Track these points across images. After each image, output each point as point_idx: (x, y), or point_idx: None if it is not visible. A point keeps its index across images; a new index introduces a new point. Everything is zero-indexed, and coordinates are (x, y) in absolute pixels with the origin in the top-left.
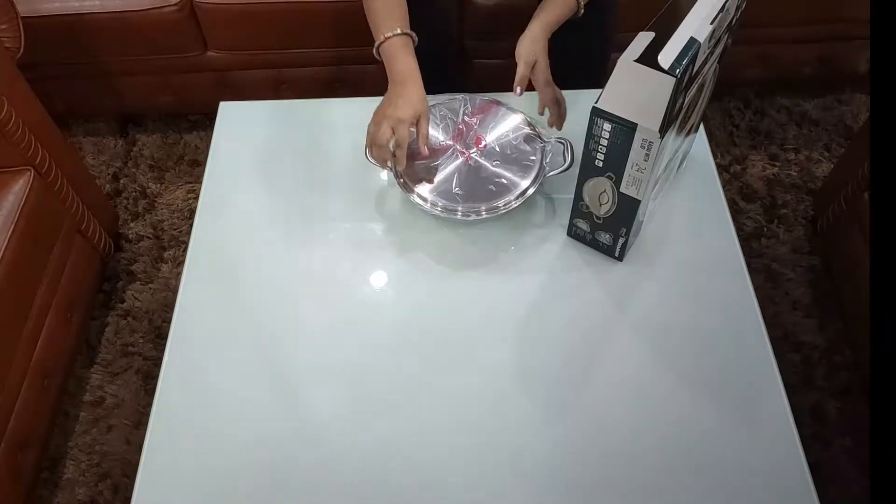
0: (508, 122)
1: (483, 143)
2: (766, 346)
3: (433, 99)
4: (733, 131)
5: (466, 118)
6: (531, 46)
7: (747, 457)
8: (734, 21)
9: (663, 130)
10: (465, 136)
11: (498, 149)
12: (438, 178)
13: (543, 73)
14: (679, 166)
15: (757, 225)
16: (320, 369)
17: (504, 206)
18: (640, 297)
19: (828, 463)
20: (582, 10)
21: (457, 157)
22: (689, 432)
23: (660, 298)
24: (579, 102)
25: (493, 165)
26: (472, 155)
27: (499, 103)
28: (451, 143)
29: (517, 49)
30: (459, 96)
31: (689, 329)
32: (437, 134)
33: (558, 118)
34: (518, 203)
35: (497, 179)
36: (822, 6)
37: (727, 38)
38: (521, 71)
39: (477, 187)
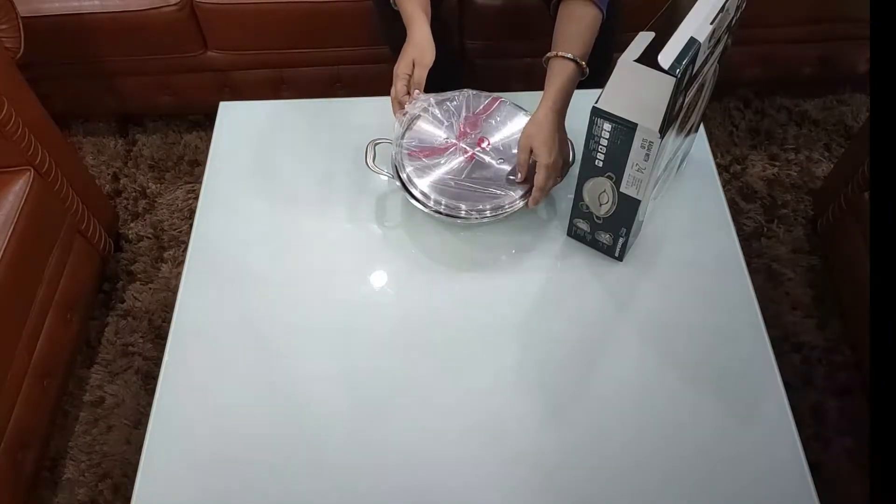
0: (511, 119)
1: (486, 142)
2: (766, 346)
3: (435, 97)
4: (733, 131)
5: (469, 116)
6: (530, 130)
7: (747, 457)
8: (734, 21)
9: (663, 130)
10: (468, 135)
11: (502, 147)
12: (441, 176)
13: (540, 157)
14: (679, 166)
15: (757, 225)
16: (320, 370)
17: (508, 206)
18: (640, 297)
19: (828, 463)
20: (587, 71)
21: (459, 155)
22: (689, 432)
23: (660, 298)
24: (579, 102)
25: (497, 164)
26: (476, 153)
27: (502, 100)
28: (454, 141)
29: (521, 135)
30: (462, 93)
31: (689, 329)
32: (439, 132)
33: (532, 199)
34: (520, 204)
35: (501, 179)
36: (822, 6)
37: (727, 38)
38: (518, 157)
39: (481, 186)
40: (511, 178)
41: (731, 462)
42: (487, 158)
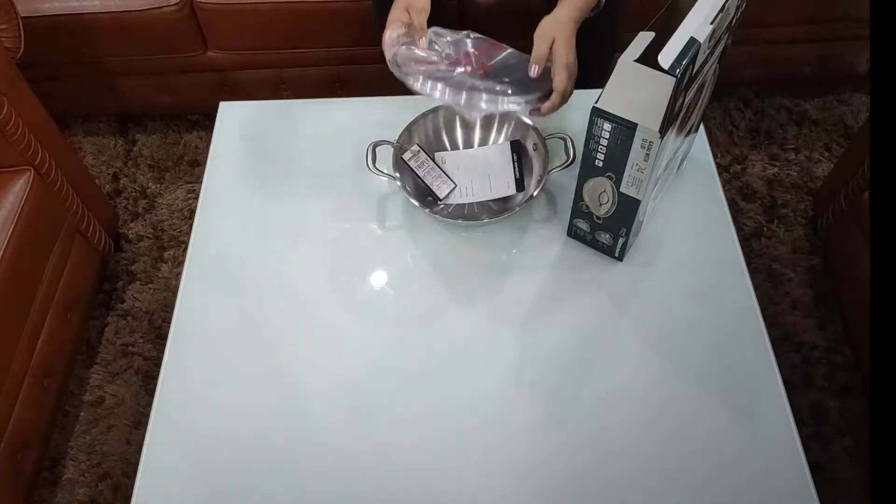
0: (517, 59)
1: (490, 66)
2: (766, 346)
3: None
4: (733, 131)
5: (473, 49)
6: (552, 24)
7: (747, 457)
8: (734, 21)
9: (663, 130)
10: (472, 60)
11: (510, 73)
12: (452, 77)
13: (560, 55)
14: (679, 166)
15: (757, 225)
16: (320, 370)
17: (526, 102)
18: (640, 297)
19: (828, 463)
20: (603, 3)
21: (467, 67)
22: (689, 432)
23: (660, 298)
24: (579, 102)
25: (507, 79)
26: (479, 71)
27: (508, 49)
28: (459, 58)
29: (538, 28)
30: (464, 32)
31: (689, 329)
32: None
33: (549, 106)
34: (521, 207)
35: (515, 85)
36: (822, 6)
37: (727, 38)
38: (538, 48)
39: (494, 87)
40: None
41: (731, 462)
42: (496, 77)
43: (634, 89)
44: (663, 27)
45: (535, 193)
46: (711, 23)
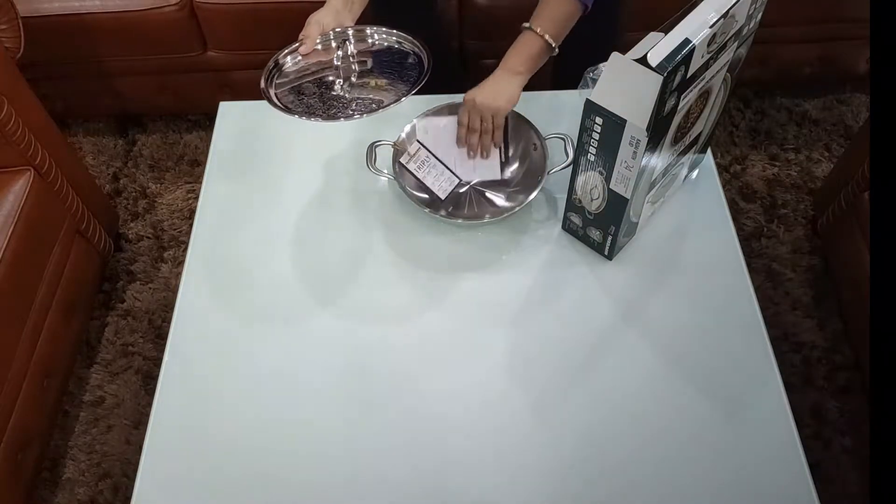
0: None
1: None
2: (766, 346)
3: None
4: (733, 131)
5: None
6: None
7: (747, 457)
8: (747, 31)
9: (650, 129)
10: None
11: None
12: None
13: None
14: (686, 177)
15: (757, 225)
16: (319, 369)
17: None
18: (639, 296)
19: (828, 463)
20: (556, 51)
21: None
22: (688, 432)
23: (660, 298)
24: (580, 103)
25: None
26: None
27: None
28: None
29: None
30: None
31: (688, 329)
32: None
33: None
34: (521, 207)
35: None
36: (822, 6)
37: (739, 48)
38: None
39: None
40: None
41: (731, 462)
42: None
43: (625, 85)
44: (672, 28)
45: (534, 194)
46: (711, 27)
